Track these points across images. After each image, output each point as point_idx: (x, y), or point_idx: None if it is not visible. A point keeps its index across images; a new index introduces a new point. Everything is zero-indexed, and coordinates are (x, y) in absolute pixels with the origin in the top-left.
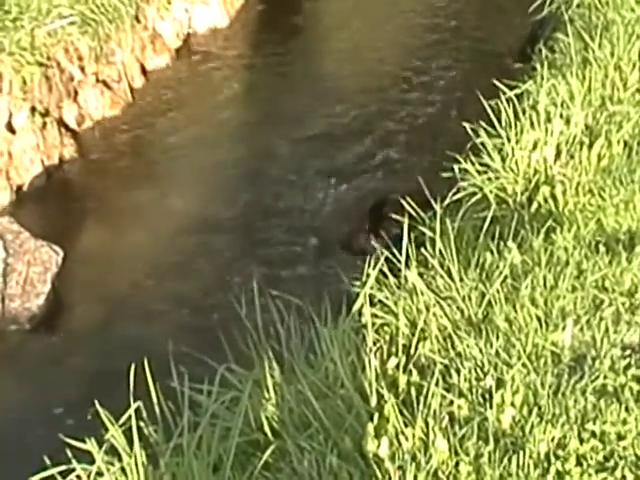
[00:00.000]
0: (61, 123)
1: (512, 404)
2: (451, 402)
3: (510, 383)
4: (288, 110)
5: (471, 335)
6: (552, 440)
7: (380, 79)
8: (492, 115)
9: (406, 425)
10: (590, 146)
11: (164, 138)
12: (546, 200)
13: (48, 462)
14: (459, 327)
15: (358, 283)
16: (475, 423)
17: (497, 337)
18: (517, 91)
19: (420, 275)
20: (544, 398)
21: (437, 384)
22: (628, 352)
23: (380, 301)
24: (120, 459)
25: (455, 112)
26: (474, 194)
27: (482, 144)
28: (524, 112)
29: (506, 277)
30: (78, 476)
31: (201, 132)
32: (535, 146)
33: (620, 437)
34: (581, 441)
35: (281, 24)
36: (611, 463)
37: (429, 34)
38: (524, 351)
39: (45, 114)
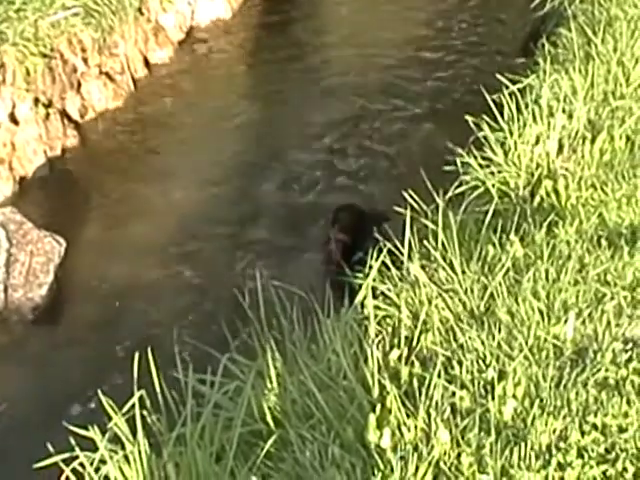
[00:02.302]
0: (64, 114)
1: (514, 396)
2: (453, 393)
3: (512, 375)
4: (291, 103)
5: (473, 327)
6: (554, 432)
7: (382, 72)
8: (495, 109)
9: (408, 416)
10: (592, 141)
11: (166, 130)
12: (548, 194)
13: (51, 450)
14: (461, 319)
15: (360, 275)
16: (477, 414)
17: (499, 329)
18: (520, 85)
19: (422, 267)
20: (546, 390)
21: (439, 376)
22: (630, 345)
23: (382, 293)
24: (123, 447)
25: (458, 106)
26: (476, 188)
27: (485, 138)
28: (527, 106)
29: (508, 270)
30: (81, 463)
31: (203, 125)
32: (538, 140)
33: (621, 430)
34: (582, 433)
35: (284, 17)
36: (612, 455)
37: (431, 29)
38: (526, 343)
39: (48, 105)
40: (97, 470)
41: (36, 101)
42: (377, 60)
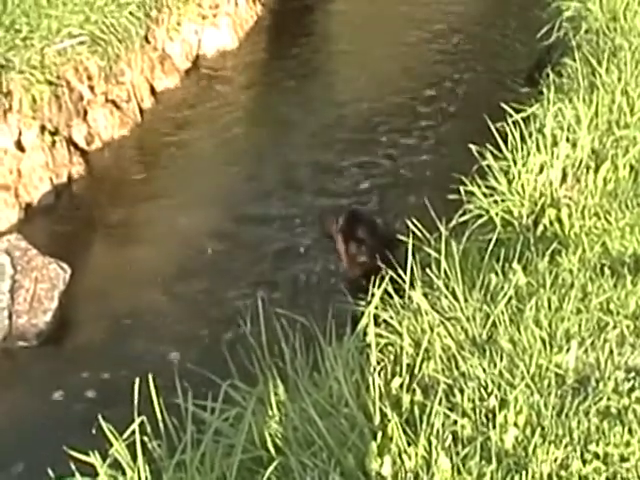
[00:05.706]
0: (70, 142)
1: (515, 424)
2: (454, 422)
3: (513, 403)
4: (296, 132)
5: (475, 355)
6: (555, 461)
7: (387, 103)
8: (499, 138)
9: (409, 444)
10: (596, 170)
11: (172, 158)
12: (552, 223)
13: (52, 475)
14: (463, 347)
15: (363, 302)
16: (478, 443)
17: (501, 358)
18: (524, 114)
19: (425, 295)
20: (547, 419)
21: (440, 403)
22: (632, 375)
23: (385, 321)
24: (124, 473)
25: (462, 135)
26: (480, 216)
27: (488, 167)
28: (531, 135)
29: (511, 298)
30: None
31: (209, 153)
32: (541, 169)
33: (623, 459)
34: (584, 462)
35: (290, 46)
36: None
37: (437, 58)
38: (528, 372)
39: (54, 133)
40: None
41: (42, 129)
42: (383, 91)
